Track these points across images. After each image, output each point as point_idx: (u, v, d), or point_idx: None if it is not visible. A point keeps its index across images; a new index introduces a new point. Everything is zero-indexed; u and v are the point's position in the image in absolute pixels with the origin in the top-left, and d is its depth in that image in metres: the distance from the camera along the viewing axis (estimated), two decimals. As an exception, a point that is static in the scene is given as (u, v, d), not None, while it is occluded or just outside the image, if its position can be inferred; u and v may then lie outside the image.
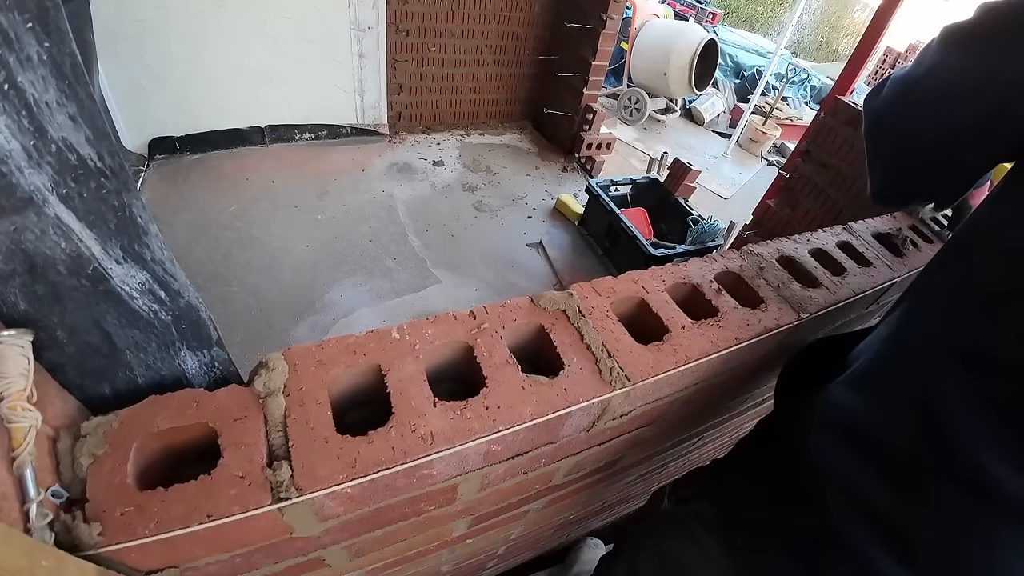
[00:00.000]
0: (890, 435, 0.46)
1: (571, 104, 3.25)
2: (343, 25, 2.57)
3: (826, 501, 0.48)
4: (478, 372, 0.48)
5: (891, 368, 0.50)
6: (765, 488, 0.58)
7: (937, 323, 0.47)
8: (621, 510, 1.40)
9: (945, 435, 0.42)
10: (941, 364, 0.44)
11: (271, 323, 1.89)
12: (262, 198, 2.42)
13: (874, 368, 0.52)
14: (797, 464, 0.54)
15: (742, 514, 0.59)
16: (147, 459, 0.39)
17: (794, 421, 0.58)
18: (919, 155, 0.55)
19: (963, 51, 0.49)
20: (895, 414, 0.47)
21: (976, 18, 0.47)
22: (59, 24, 0.29)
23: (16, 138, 0.27)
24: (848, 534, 0.46)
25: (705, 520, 0.61)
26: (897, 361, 0.50)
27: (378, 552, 0.60)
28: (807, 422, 0.55)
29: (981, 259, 0.46)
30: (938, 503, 0.42)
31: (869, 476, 0.46)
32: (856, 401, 0.51)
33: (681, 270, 0.65)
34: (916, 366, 0.47)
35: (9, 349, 0.31)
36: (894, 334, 0.52)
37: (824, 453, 0.50)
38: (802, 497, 0.52)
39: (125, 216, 0.36)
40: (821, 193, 1.77)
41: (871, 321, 0.94)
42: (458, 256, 2.41)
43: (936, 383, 0.43)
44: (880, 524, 0.44)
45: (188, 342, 0.44)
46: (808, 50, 11.01)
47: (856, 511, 0.46)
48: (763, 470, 0.60)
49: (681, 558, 0.62)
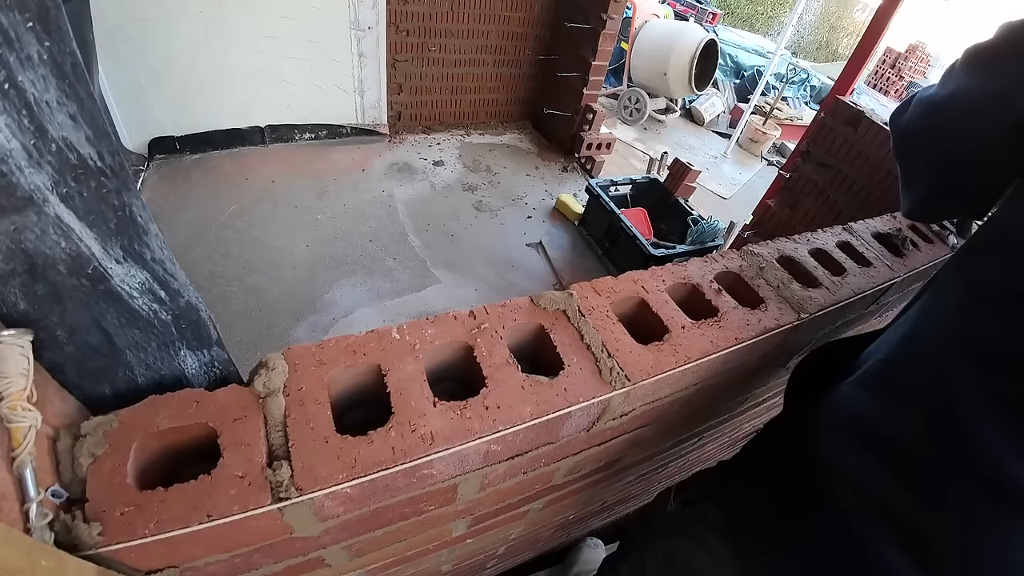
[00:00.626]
0: (902, 435, 0.46)
1: (571, 104, 3.25)
2: (343, 25, 2.57)
3: (837, 501, 0.48)
4: (478, 372, 0.48)
5: (904, 367, 0.50)
6: (772, 490, 0.57)
7: (953, 322, 0.47)
8: (621, 510, 1.40)
9: (961, 434, 0.42)
10: (957, 363, 0.44)
11: (271, 323, 1.89)
12: (262, 198, 2.42)
13: (886, 368, 0.52)
14: (806, 465, 0.54)
15: (749, 516, 0.59)
16: (147, 459, 0.39)
17: (802, 423, 0.58)
18: (948, 172, 0.56)
19: (988, 69, 0.50)
20: (907, 413, 0.47)
21: (999, 37, 0.48)
22: (59, 23, 0.29)
23: (16, 137, 0.27)
24: (859, 533, 0.46)
25: (712, 522, 0.61)
26: (911, 360, 0.50)
27: (378, 552, 0.60)
28: (816, 423, 0.54)
29: (999, 257, 0.45)
30: (954, 502, 0.42)
31: (881, 476, 0.46)
32: (867, 401, 0.51)
33: (681, 270, 0.65)
34: (931, 365, 0.47)
35: (9, 349, 0.31)
36: (908, 334, 0.52)
37: (834, 453, 0.50)
38: (812, 498, 0.52)
39: (125, 216, 0.36)
40: (821, 193, 1.77)
41: (871, 321, 0.94)
42: (458, 256, 2.41)
43: (951, 382, 0.43)
44: (893, 523, 0.44)
45: (188, 342, 0.44)
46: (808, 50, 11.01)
47: (868, 510, 0.46)
48: (771, 472, 0.60)
49: (688, 560, 0.62)
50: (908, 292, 0.94)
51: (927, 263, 0.84)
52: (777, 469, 0.59)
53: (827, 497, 0.49)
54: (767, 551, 0.55)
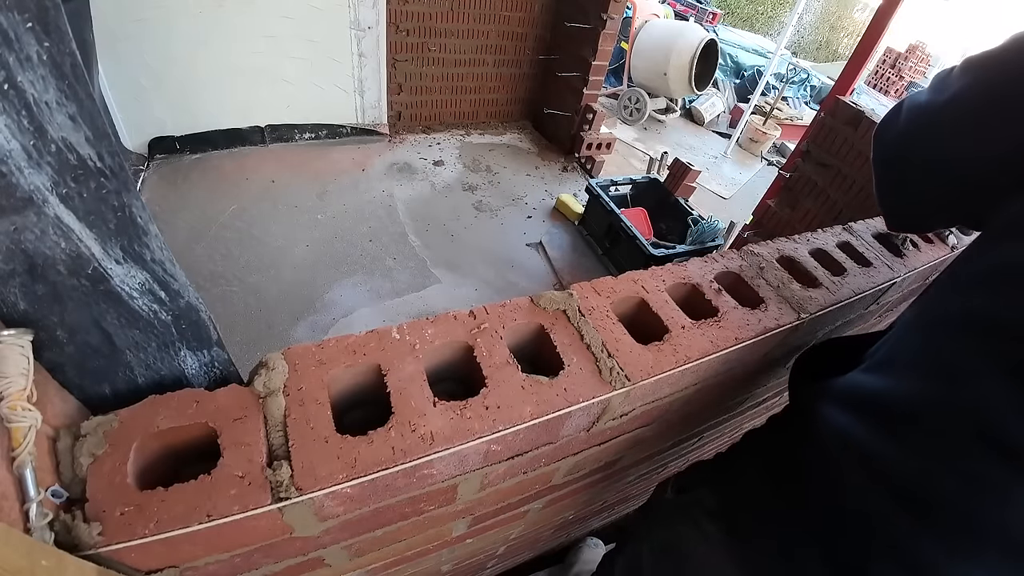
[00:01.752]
0: (906, 402, 0.46)
1: (571, 104, 3.25)
2: (343, 25, 2.57)
3: (839, 471, 0.48)
4: (478, 372, 0.48)
5: (908, 345, 0.50)
6: (770, 469, 0.58)
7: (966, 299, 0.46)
8: (621, 510, 1.40)
9: (967, 399, 0.42)
10: (962, 335, 0.44)
11: (271, 323, 1.89)
12: (262, 198, 2.42)
13: (890, 350, 0.52)
14: (809, 437, 0.54)
15: (744, 497, 0.59)
16: (147, 459, 0.39)
17: (806, 403, 0.58)
18: (944, 184, 0.54)
19: (990, 77, 0.48)
20: (911, 383, 0.47)
21: (1006, 46, 0.47)
22: (59, 24, 0.29)
23: (16, 138, 0.27)
24: (861, 501, 0.46)
25: (707, 507, 0.62)
26: (915, 338, 0.50)
27: (378, 552, 0.60)
28: (819, 401, 0.55)
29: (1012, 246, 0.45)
30: (959, 464, 0.42)
31: (884, 441, 0.46)
32: (875, 380, 0.51)
33: (681, 270, 0.65)
34: (936, 339, 0.47)
35: (9, 349, 0.31)
36: (911, 318, 0.52)
37: (836, 423, 0.51)
38: (812, 470, 0.52)
39: (125, 216, 0.36)
40: (821, 193, 1.77)
41: (871, 321, 0.94)
42: (458, 256, 2.41)
43: (958, 353, 0.43)
44: (896, 488, 0.44)
45: (188, 342, 0.44)
46: (808, 50, 11.01)
47: (871, 478, 0.46)
48: (769, 452, 0.60)
49: (682, 546, 0.62)
50: (908, 292, 0.94)
51: (927, 263, 0.84)
52: (777, 448, 0.59)
53: (831, 466, 0.50)
54: (764, 532, 0.55)
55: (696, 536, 0.61)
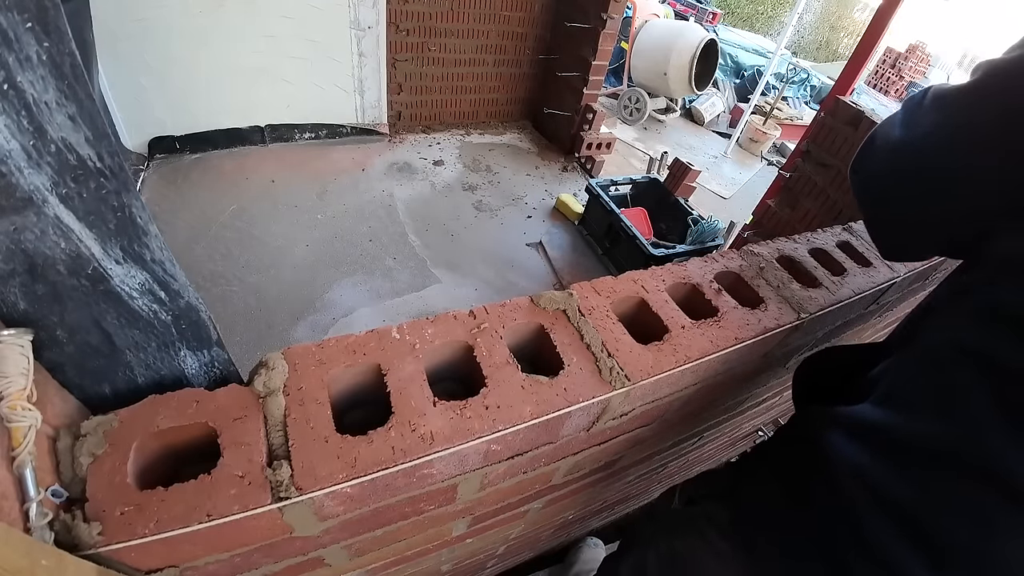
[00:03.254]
0: (915, 440, 0.46)
1: (571, 104, 3.25)
2: (343, 24, 2.57)
3: (851, 502, 0.48)
4: (478, 372, 0.48)
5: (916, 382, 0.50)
6: (783, 489, 0.57)
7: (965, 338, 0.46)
8: (621, 510, 1.40)
9: (977, 441, 0.42)
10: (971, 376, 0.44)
11: (271, 323, 1.89)
12: (262, 198, 2.42)
13: (896, 383, 0.52)
14: (818, 464, 0.54)
15: (757, 515, 0.59)
16: (147, 459, 0.39)
17: (812, 427, 0.58)
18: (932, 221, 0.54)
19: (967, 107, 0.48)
20: (921, 421, 0.47)
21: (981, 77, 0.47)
22: (59, 24, 0.29)
23: (16, 138, 0.27)
24: (871, 533, 0.46)
25: (718, 522, 0.61)
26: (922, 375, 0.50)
27: (378, 551, 0.60)
28: (826, 426, 0.54)
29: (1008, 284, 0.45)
30: (968, 504, 0.42)
31: (892, 477, 0.46)
32: (879, 414, 0.51)
33: (681, 270, 0.65)
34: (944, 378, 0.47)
35: (9, 348, 0.31)
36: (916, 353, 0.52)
37: (845, 454, 0.50)
38: (824, 497, 0.52)
39: (125, 216, 0.36)
40: (821, 193, 1.77)
41: (871, 321, 0.94)
42: (458, 256, 2.41)
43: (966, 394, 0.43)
44: (906, 524, 0.44)
45: (188, 342, 0.44)
46: (808, 50, 11.01)
47: (881, 509, 0.46)
48: (781, 471, 0.60)
49: (692, 558, 0.62)
50: (908, 292, 0.94)
51: (927, 263, 0.84)
52: (789, 468, 0.59)
53: (839, 497, 0.49)
54: (776, 554, 0.55)
55: (706, 550, 0.60)
